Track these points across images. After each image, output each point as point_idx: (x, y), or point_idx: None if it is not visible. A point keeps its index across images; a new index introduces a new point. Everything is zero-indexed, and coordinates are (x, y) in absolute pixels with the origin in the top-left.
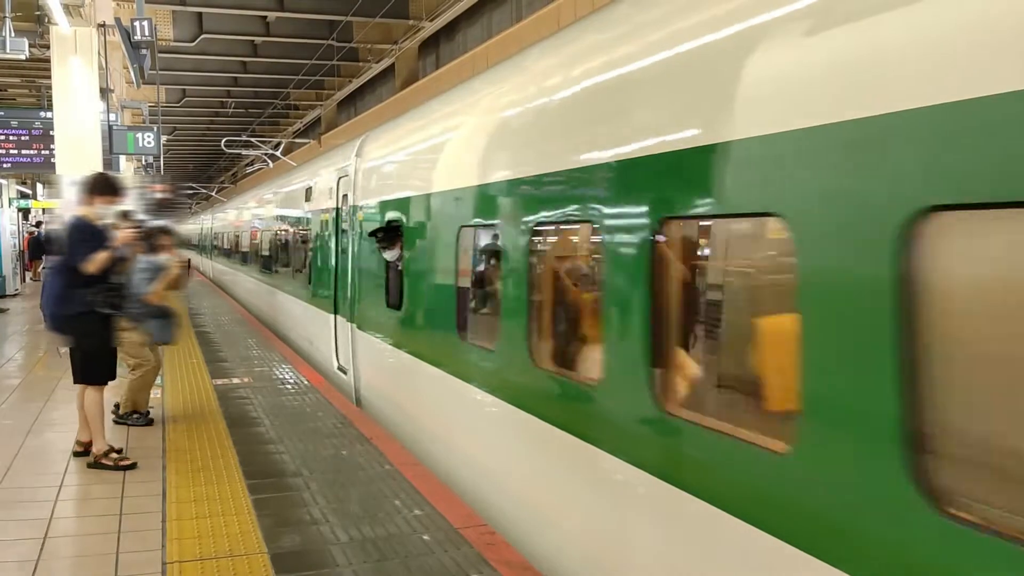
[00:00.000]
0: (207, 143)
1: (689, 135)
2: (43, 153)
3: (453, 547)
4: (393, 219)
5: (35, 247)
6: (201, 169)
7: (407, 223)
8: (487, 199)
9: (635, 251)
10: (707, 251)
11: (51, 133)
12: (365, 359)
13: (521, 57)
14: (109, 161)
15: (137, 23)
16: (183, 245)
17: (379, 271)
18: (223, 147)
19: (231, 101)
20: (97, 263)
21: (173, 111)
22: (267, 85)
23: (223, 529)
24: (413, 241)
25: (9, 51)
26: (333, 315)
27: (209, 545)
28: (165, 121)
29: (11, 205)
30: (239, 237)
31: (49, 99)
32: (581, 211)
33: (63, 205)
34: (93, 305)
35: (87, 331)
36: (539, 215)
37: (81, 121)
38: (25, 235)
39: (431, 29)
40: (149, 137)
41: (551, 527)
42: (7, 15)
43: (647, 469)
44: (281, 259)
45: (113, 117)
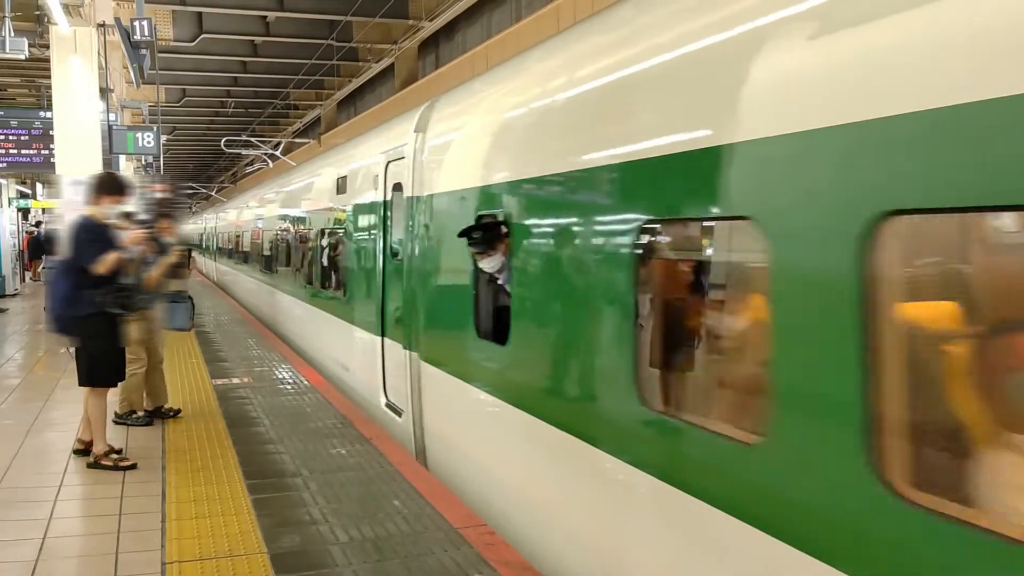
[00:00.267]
0: (207, 143)
1: None
2: (43, 153)
3: (453, 547)
4: (491, 214)
5: (35, 247)
6: (201, 169)
7: (519, 219)
8: (710, 173)
9: None
10: None
11: (51, 133)
12: (435, 402)
13: None
14: (109, 161)
15: (137, 23)
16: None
17: (460, 285)
18: (223, 147)
19: (231, 101)
20: (107, 264)
21: (173, 111)
22: (267, 85)
23: (223, 529)
24: (532, 246)
25: (9, 51)
26: (380, 338)
27: (209, 545)
28: (165, 121)
29: (11, 205)
30: (246, 238)
31: (49, 99)
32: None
33: (63, 205)
34: (103, 306)
35: (96, 332)
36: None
37: (81, 121)
38: (24, 235)
39: (431, 29)
40: (149, 137)
41: None
42: (7, 15)
43: None
44: (301, 264)
45: (113, 117)
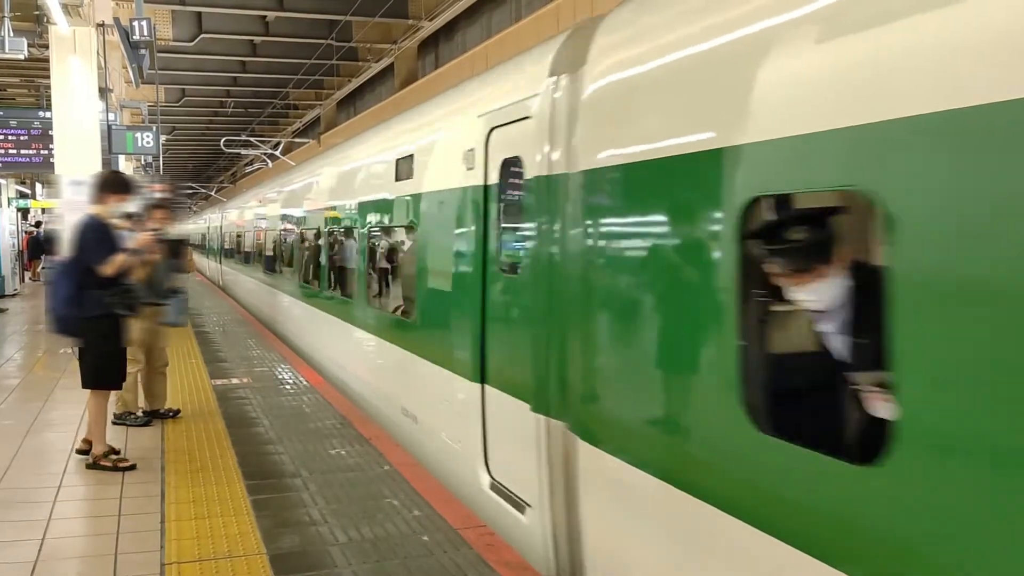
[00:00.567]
0: (206, 143)
1: None
2: (42, 153)
3: (452, 548)
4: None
5: (34, 247)
6: (200, 169)
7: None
8: None
9: None
10: None
11: (50, 133)
12: (610, 512)
13: None
14: (108, 161)
15: (136, 23)
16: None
17: (692, 326)
18: (222, 147)
19: (230, 101)
20: (115, 265)
21: (172, 111)
22: (266, 85)
23: (222, 530)
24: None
25: (8, 51)
26: (477, 384)
27: (208, 546)
28: (164, 121)
29: (10, 205)
30: (261, 239)
31: (48, 99)
32: None
33: (62, 205)
34: (112, 307)
35: (105, 334)
36: None
37: (80, 121)
38: (24, 235)
39: (430, 29)
40: (148, 137)
41: None
42: (6, 15)
43: None
44: (338, 275)
45: (112, 117)
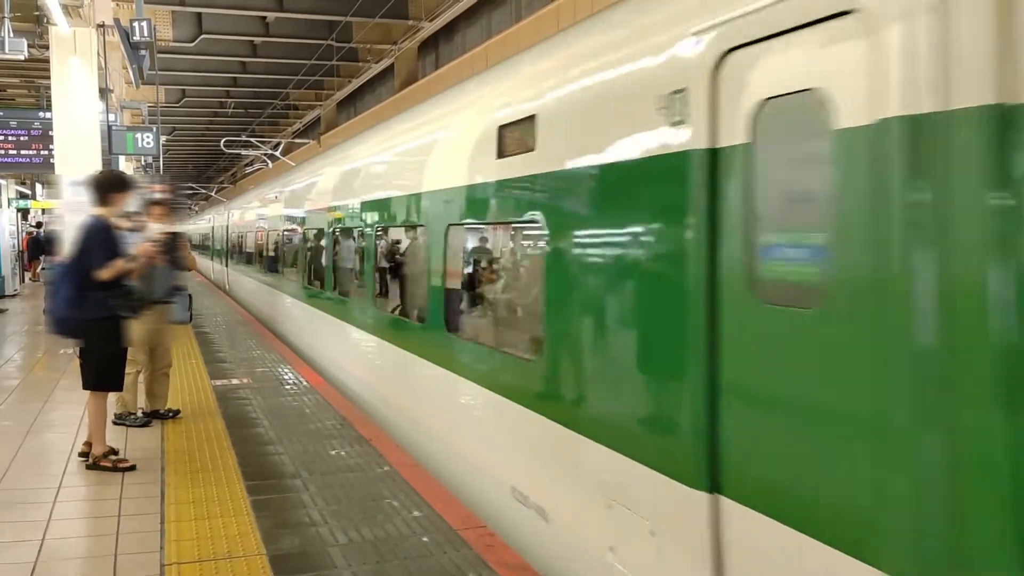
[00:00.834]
0: (206, 143)
1: None
2: (42, 153)
3: (452, 549)
4: None
5: (34, 247)
6: (201, 169)
7: None
8: None
9: None
10: None
11: (50, 133)
12: None
13: None
14: (109, 161)
15: (136, 23)
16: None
17: None
18: (222, 147)
19: (230, 101)
20: (113, 271)
21: (172, 111)
22: (266, 85)
23: (222, 531)
24: None
25: (8, 51)
26: (705, 494)
27: (208, 547)
28: (164, 121)
29: (10, 205)
30: (282, 240)
31: (48, 99)
32: None
33: (62, 205)
34: (116, 309)
35: (107, 335)
36: None
37: (80, 121)
38: (24, 235)
39: (430, 29)
40: (148, 137)
41: None
42: (6, 15)
43: None
44: (394, 285)
45: (112, 117)
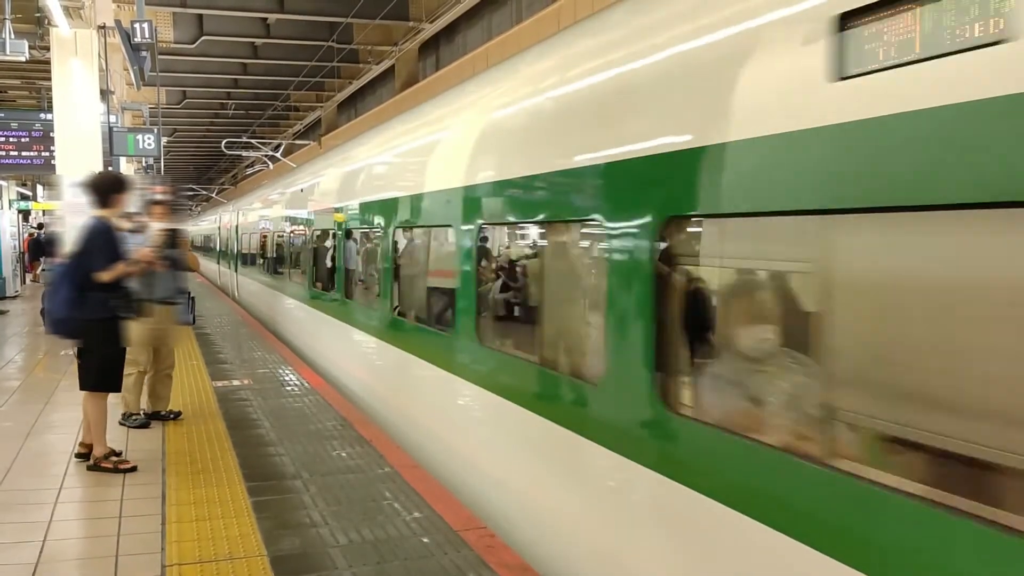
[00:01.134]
0: (207, 145)
1: None
2: (43, 155)
3: (453, 549)
4: None
5: (35, 248)
6: (201, 171)
7: None
8: None
9: None
10: None
11: (51, 135)
12: None
13: None
14: (110, 163)
15: (137, 25)
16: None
17: None
18: (223, 149)
19: (231, 103)
20: (114, 273)
21: (173, 113)
22: (267, 87)
23: (223, 532)
24: None
25: (9, 53)
26: None
27: (209, 548)
28: (165, 123)
29: (11, 207)
30: (315, 249)
31: (49, 101)
32: None
33: (63, 207)
34: (116, 310)
35: (107, 336)
36: None
37: (81, 123)
38: (25, 236)
39: (431, 31)
40: (149, 139)
41: None
42: (7, 17)
43: None
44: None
45: (113, 119)
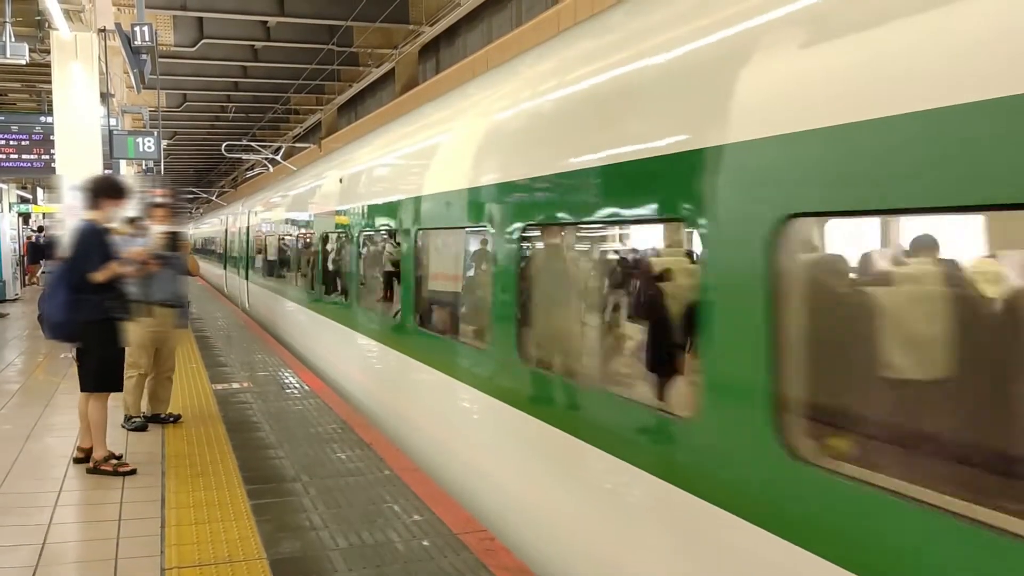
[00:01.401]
0: (207, 148)
1: None
2: (43, 158)
3: (452, 553)
4: None
5: (32, 252)
6: (202, 174)
7: None
8: None
9: None
10: None
11: (51, 138)
12: None
13: None
14: (110, 165)
15: (137, 28)
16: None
17: None
18: (223, 151)
19: (231, 106)
20: (107, 273)
21: (174, 116)
22: (267, 90)
23: (222, 535)
24: None
25: (9, 56)
26: None
27: (208, 551)
28: (165, 126)
29: (11, 210)
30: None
31: (49, 104)
32: None
33: (63, 209)
34: (111, 311)
35: (103, 338)
36: None
37: (81, 126)
38: (24, 239)
39: (431, 34)
40: (149, 142)
41: None
42: (7, 20)
43: None
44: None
45: (113, 122)
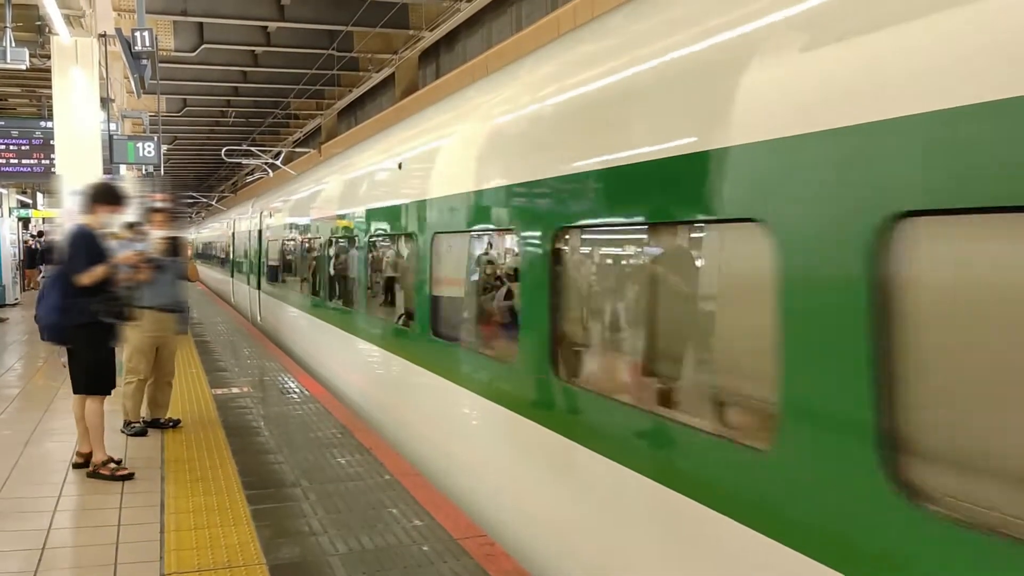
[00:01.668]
0: (207, 152)
1: None
2: (43, 162)
3: (452, 558)
4: None
5: (29, 256)
6: (201, 178)
7: None
8: None
9: None
10: None
11: (51, 143)
12: None
13: None
14: (110, 170)
15: (138, 33)
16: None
17: None
18: (223, 156)
19: (231, 111)
20: (92, 277)
21: (174, 121)
22: (267, 95)
23: (221, 540)
24: None
25: (10, 61)
26: None
27: (207, 556)
28: (165, 131)
29: (11, 215)
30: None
31: (50, 109)
32: None
33: (63, 214)
34: (97, 315)
35: (92, 341)
36: None
37: (82, 131)
38: (23, 244)
39: (431, 39)
40: (149, 147)
41: None
42: (8, 25)
43: None
44: None
45: (114, 127)
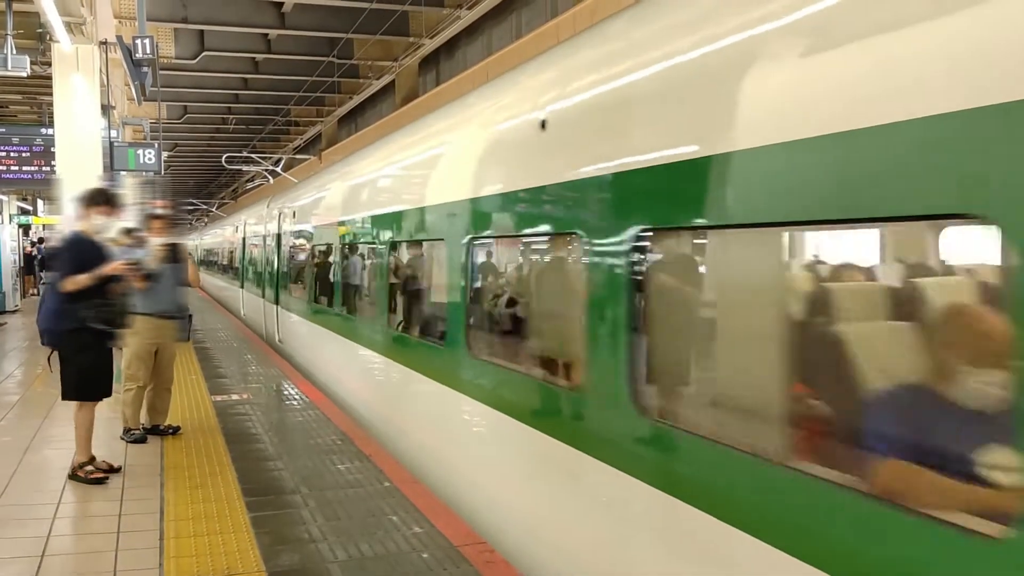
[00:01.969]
0: (208, 159)
1: None
2: (44, 170)
3: (452, 565)
4: None
5: (27, 263)
6: (202, 185)
7: None
8: None
9: None
10: None
11: (52, 150)
12: None
13: None
14: (111, 177)
15: (139, 40)
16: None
17: None
18: (224, 163)
19: (232, 118)
20: (75, 284)
21: (174, 128)
22: (268, 102)
23: (221, 547)
24: None
25: (11, 68)
26: None
27: (207, 563)
28: (166, 138)
29: (12, 221)
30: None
31: (50, 116)
32: None
33: (64, 221)
34: (86, 321)
35: (80, 347)
36: None
37: (82, 138)
38: (23, 250)
39: (431, 46)
40: (150, 153)
41: None
42: (9, 32)
43: None
44: None
45: (114, 134)
